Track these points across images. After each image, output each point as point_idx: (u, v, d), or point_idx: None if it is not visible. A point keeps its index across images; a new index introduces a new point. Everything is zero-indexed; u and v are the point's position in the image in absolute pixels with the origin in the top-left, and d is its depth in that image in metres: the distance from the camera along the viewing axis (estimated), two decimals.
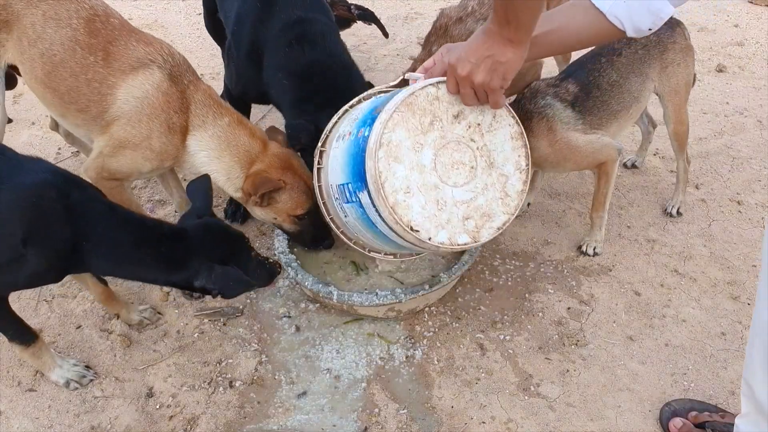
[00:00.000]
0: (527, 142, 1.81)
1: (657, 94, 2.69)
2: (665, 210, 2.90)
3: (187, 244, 1.79)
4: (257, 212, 2.26)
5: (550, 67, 3.40)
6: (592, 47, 2.61)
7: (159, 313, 2.33)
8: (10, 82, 2.34)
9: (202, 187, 1.94)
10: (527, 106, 2.39)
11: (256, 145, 2.21)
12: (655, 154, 3.28)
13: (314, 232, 2.29)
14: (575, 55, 3.36)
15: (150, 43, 2.15)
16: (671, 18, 2.66)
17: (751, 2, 5.08)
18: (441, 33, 2.67)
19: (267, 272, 1.95)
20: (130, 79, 2.07)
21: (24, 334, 1.94)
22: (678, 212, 2.89)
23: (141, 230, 1.80)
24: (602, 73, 2.48)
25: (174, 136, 2.12)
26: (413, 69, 2.52)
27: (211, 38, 3.39)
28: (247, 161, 2.19)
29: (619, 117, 2.51)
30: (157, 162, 2.16)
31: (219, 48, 3.46)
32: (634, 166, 3.18)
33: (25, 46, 2.10)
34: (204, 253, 1.79)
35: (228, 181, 2.21)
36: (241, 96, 2.65)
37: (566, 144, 2.38)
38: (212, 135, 2.15)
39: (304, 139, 2.17)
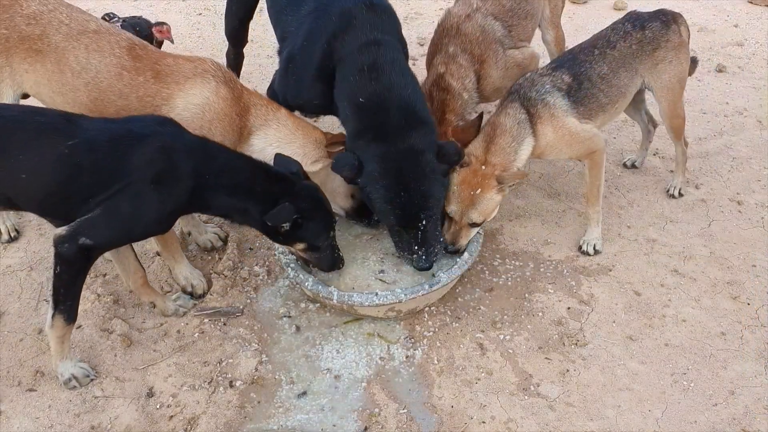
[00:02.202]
0: None
1: (649, 90, 2.72)
2: (667, 191, 2.98)
3: (284, 186, 2.06)
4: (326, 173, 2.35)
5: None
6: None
7: (196, 298, 2.38)
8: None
9: (286, 158, 2.19)
10: (529, 93, 2.44)
11: (319, 131, 2.41)
12: (655, 154, 3.28)
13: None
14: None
15: (191, 59, 2.31)
16: (668, 14, 2.72)
17: (751, 2, 5.08)
18: (454, 33, 2.68)
19: (332, 259, 2.21)
20: (187, 87, 2.21)
21: (74, 312, 1.97)
22: (680, 193, 2.96)
23: (253, 165, 2.06)
24: (593, 66, 2.53)
25: (233, 137, 2.26)
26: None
27: (211, 39, 3.39)
28: (322, 137, 2.37)
29: (606, 110, 2.58)
30: None
31: (219, 48, 3.46)
32: (633, 166, 3.18)
33: (68, 77, 2.20)
34: (291, 199, 2.02)
35: (305, 156, 2.33)
36: (295, 108, 2.65)
37: (568, 130, 2.45)
38: (277, 127, 2.34)
39: (346, 173, 2.22)
